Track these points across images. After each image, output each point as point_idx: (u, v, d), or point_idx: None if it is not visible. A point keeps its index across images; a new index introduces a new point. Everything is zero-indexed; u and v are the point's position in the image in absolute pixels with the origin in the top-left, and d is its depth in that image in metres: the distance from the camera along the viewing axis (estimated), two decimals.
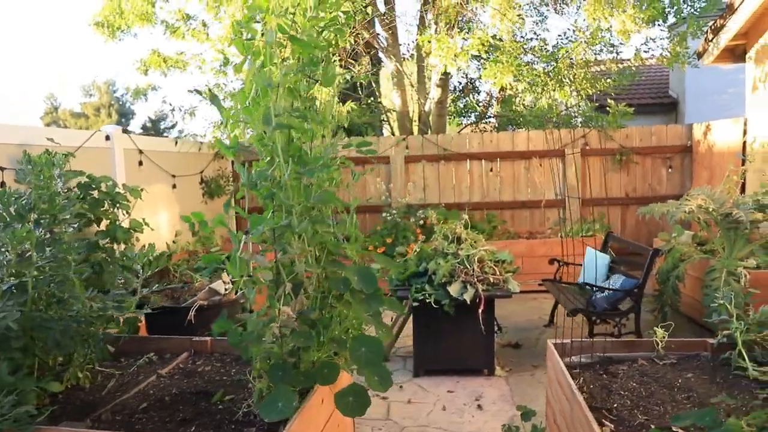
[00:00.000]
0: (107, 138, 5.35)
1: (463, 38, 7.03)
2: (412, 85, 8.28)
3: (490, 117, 10.15)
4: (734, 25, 5.87)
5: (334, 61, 2.69)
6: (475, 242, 4.74)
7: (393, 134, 9.10)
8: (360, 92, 8.72)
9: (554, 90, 6.90)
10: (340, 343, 2.39)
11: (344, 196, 3.39)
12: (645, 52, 8.04)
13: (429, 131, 8.69)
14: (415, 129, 9.26)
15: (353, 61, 8.17)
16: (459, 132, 8.14)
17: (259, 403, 2.16)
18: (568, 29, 9.74)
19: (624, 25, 6.30)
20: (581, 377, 2.72)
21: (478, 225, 7.17)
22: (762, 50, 5.91)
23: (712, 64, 6.56)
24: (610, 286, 4.70)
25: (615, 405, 2.41)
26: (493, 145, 7.66)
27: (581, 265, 5.46)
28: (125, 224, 4.38)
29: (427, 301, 4.25)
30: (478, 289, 4.20)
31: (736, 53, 6.42)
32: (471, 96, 10.40)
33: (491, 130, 9.86)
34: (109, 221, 4.31)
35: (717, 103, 11.52)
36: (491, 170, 7.69)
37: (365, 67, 8.00)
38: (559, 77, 6.77)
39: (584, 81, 6.99)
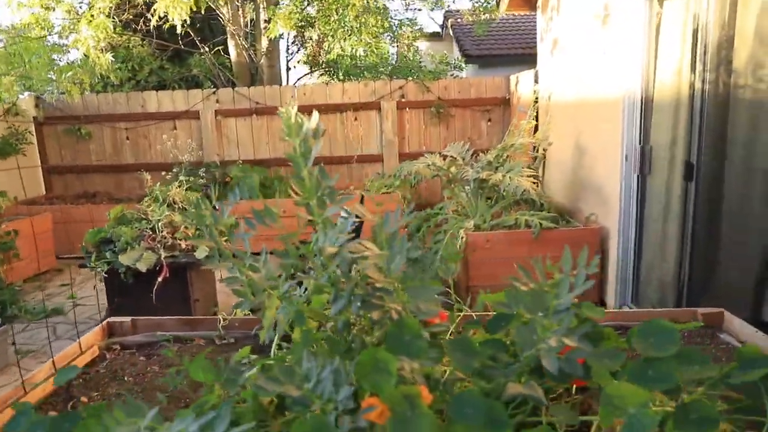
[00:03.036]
0: None
1: None
2: (238, 35, 7.83)
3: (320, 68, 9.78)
4: None
5: None
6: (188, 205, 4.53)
7: (234, 86, 8.68)
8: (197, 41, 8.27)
9: (343, 39, 6.57)
10: None
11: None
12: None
13: (262, 83, 8.32)
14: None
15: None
16: (293, 85, 7.79)
17: None
18: None
19: None
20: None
21: (281, 180, 6.95)
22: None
23: (508, 11, 6.28)
24: None
25: None
26: (306, 97, 7.33)
27: None
28: None
29: (118, 270, 4.06)
30: (161, 257, 4.01)
31: (532, 1, 6.14)
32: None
33: (328, 82, 9.53)
34: None
35: None
36: None
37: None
38: (345, 25, 6.42)
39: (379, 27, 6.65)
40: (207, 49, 8.54)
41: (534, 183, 4.19)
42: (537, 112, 5.94)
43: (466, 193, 4.66)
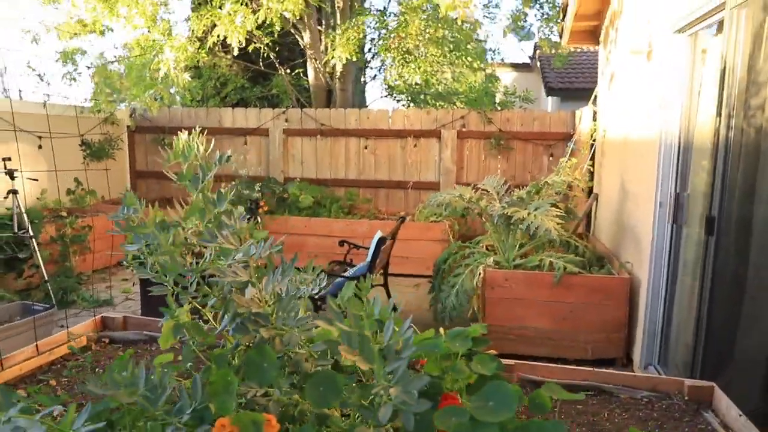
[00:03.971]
0: None
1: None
2: (315, 59, 8.19)
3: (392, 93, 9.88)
4: (572, 3, 5.41)
5: None
6: None
7: (310, 106, 9.07)
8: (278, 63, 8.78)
9: (401, 66, 6.64)
10: None
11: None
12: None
13: (335, 105, 8.62)
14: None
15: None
16: (358, 108, 7.97)
17: None
18: None
19: None
20: None
21: (338, 201, 7.12)
22: (605, 33, 5.42)
23: (571, 45, 6.07)
24: (348, 273, 4.60)
25: None
26: (370, 122, 7.49)
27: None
28: None
29: None
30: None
31: (596, 35, 5.92)
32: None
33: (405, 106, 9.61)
34: None
35: None
36: (365, 148, 7.55)
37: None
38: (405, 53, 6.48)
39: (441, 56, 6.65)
40: (287, 71, 9.01)
41: (560, 224, 3.99)
42: (594, 150, 5.67)
43: (495, 228, 4.52)
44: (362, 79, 6.99)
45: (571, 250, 4.52)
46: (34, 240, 4.85)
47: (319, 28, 8.55)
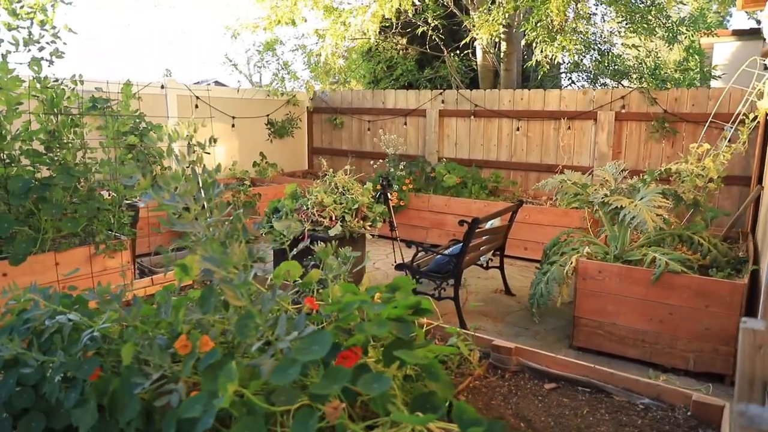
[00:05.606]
0: (162, 87, 7.27)
1: None
2: (478, 38, 8.13)
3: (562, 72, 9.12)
4: None
5: None
6: (349, 190, 5.25)
7: (479, 88, 9.09)
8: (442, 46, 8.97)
9: (545, 44, 6.21)
10: None
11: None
12: None
13: (499, 87, 8.52)
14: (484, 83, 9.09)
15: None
16: (513, 89, 7.69)
17: None
18: None
19: None
20: None
21: (482, 182, 7.14)
22: None
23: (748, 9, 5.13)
24: (446, 251, 4.72)
25: None
26: (523, 102, 7.29)
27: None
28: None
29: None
30: (305, 228, 4.84)
31: None
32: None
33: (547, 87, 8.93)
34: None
35: None
36: (518, 129, 7.36)
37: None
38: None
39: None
40: (457, 52, 9.16)
41: (659, 216, 3.60)
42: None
43: (605, 217, 4.23)
44: (534, 59, 6.81)
45: (693, 247, 4.02)
46: None
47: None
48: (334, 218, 4.92)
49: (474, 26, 6.81)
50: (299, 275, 2.11)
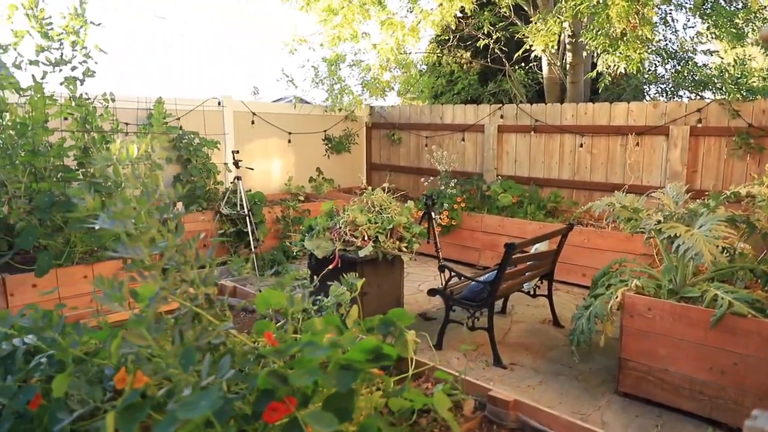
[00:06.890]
0: (219, 103, 7.40)
1: None
2: (544, 50, 7.67)
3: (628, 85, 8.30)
4: None
5: None
6: (386, 209, 5.01)
7: (545, 102, 8.59)
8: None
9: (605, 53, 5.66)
10: None
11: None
12: None
13: (565, 100, 7.98)
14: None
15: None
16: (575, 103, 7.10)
17: None
18: None
19: None
20: None
21: (541, 202, 6.66)
22: None
23: None
24: (481, 278, 4.35)
25: None
26: (587, 117, 6.74)
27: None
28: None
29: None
30: (335, 247, 4.64)
31: None
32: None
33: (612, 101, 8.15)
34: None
35: None
36: (581, 146, 6.81)
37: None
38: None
39: None
40: (521, 65, 8.73)
41: (724, 248, 3.09)
42: None
43: (659, 245, 3.73)
44: (595, 70, 6.33)
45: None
46: (249, 217, 5.90)
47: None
48: (366, 238, 4.70)
49: (528, 37, 6.42)
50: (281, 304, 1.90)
